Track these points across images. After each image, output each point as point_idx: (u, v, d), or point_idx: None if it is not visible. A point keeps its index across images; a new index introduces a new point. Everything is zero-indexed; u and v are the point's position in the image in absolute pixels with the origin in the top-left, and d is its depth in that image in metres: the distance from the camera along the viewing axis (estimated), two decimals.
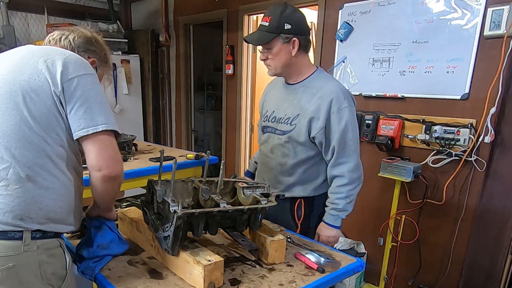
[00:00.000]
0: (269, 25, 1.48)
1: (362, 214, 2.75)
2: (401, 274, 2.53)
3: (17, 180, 0.95)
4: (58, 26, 3.95)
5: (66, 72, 1.00)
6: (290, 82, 1.62)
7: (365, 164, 2.61)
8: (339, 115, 1.49)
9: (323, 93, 1.51)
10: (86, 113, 1.00)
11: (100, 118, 1.01)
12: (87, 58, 1.20)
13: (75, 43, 1.20)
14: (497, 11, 1.95)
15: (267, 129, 1.70)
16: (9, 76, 0.99)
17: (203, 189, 1.25)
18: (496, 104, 2.00)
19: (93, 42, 1.25)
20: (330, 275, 1.20)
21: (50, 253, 1.01)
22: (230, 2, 3.52)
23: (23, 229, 0.96)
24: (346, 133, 1.50)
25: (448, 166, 2.24)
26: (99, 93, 1.05)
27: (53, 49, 1.09)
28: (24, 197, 0.95)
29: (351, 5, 2.58)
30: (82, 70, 1.03)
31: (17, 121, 0.95)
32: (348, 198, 1.56)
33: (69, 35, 1.20)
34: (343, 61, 2.68)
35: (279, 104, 1.65)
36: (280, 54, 1.51)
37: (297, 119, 1.55)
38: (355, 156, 1.55)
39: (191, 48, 4.25)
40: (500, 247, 2.13)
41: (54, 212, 1.01)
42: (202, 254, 1.09)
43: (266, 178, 1.71)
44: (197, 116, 5.05)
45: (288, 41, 1.49)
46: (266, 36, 1.49)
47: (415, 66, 2.32)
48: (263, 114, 1.75)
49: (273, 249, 1.22)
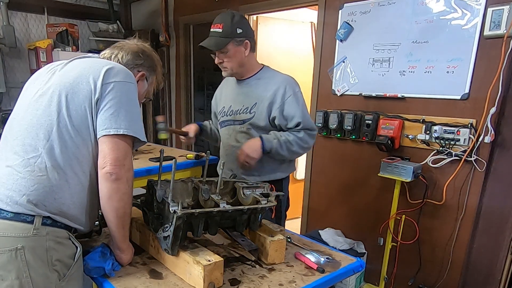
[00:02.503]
0: (223, 31, 1.67)
1: (362, 214, 2.75)
2: (401, 274, 2.53)
3: (42, 169, 1.02)
4: (58, 26, 3.95)
5: (107, 77, 1.08)
6: (241, 78, 1.82)
7: (365, 164, 2.64)
8: (296, 97, 1.72)
9: (276, 81, 1.74)
10: (113, 115, 1.06)
11: (124, 123, 1.07)
12: (137, 72, 1.28)
13: (124, 61, 1.27)
14: (497, 11, 1.95)
15: (225, 123, 1.87)
16: (58, 80, 1.10)
17: (203, 189, 1.25)
18: (496, 104, 2.00)
19: (141, 56, 1.30)
20: (330, 275, 1.20)
21: (58, 241, 1.04)
22: (230, 2, 3.52)
23: (35, 214, 1.00)
24: (305, 113, 1.74)
25: (448, 166, 2.24)
26: (131, 101, 1.12)
27: (102, 61, 1.20)
28: (44, 185, 1.02)
29: (351, 5, 2.58)
30: (122, 77, 1.11)
31: (54, 117, 1.05)
32: (290, 143, 1.69)
33: (118, 54, 1.27)
34: (343, 61, 2.68)
35: (235, 98, 1.84)
36: (235, 56, 1.71)
37: (255, 107, 1.75)
38: (314, 129, 1.77)
39: (191, 48, 4.25)
40: (500, 247, 2.13)
41: (67, 206, 1.06)
42: (202, 254, 1.09)
43: (234, 167, 1.79)
44: (197, 116, 5.04)
45: (241, 43, 1.70)
46: (222, 41, 1.67)
47: (415, 66, 2.31)
48: (220, 111, 1.92)
49: (273, 249, 1.23)
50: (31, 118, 1.07)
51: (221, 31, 1.67)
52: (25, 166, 1.02)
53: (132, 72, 1.22)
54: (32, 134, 1.05)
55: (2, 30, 3.78)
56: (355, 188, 2.75)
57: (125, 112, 1.08)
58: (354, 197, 2.77)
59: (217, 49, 1.69)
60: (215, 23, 1.71)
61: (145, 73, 1.31)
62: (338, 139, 2.75)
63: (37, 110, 1.07)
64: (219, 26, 1.68)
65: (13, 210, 0.99)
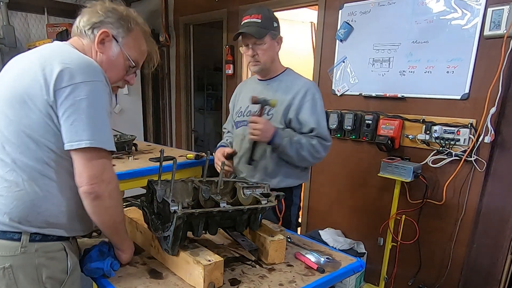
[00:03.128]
0: (262, 22, 1.58)
1: (362, 214, 2.75)
2: (401, 274, 2.53)
3: (18, 183, 0.95)
4: (58, 26, 3.95)
5: (61, 80, 0.93)
6: (264, 78, 1.76)
7: (365, 164, 2.64)
8: (314, 102, 1.66)
9: (297, 85, 1.68)
10: (72, 125, 0.93)
11: (85, 133, 0.93)
12: (97, 34, 1.06)
13: (81, 26, 1.08)
14: (497, 11, 1.95)
15: (241, 123, 1.79)
16: (11, 83, 0.98)
17: (203, 189, 1.25)
18: (496, 104, 2.00)
19: (99, 12, 1.07)
20: (330, 275, 1.20)
21: (50, 256, 0.99)
22: (230, 2, 3.52)
23: (21, 231, 0.95)
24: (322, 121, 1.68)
25: (448, 166, 2.24)
26: (93, 104, 0.94)
27: (57, 53, 1.00)
28: (23, 200, 0.95)
29: (351, 5, 2.58)
30: (79, 77, 0.94)
31: (16, 127, 0.95)
32: (301, 146, 1.62)
33: (77, 20, 1.09)
34: (343, 61, 2.68)
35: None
36: (270, 50, 1.65)
37: (273, 109, 1.66)
38: (328, 141, 1.70)
39: (191, 48, 4.25)
40: (500, 247, 2.13)
41: (55, 217, 0.99)
42: (202, 254, 1.09)
43: (245, 170, 1.75)
44: (197, 116, 5.05)
45: (275, 38, 1.64)
46: (262, 31, 1.59)
47: (415, 66, 2.31)
48: (237, 111, 1.85)
49: (273, 249, 1.22)
50: None
51: (260, 22, 1.59)
52: (1, 182, 0.95)
53: (94, 35, 1.06)
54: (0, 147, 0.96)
55: (2, 30, 3.78)
56: (355, 188, 2.75)
57: (87, 120, 0.93)
58: (354, 197, 2.77)
59: (259, 37, 1.60)
60: (251, 13, 1.63)
61: (108, 31, 1.06)
62: (338, 139, 2.75)
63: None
64: (257, 16, 1.59)
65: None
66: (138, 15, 1.15)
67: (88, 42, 1.08)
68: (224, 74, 3.76)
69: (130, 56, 1.12)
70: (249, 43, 1.63)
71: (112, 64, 1.09)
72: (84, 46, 1.08)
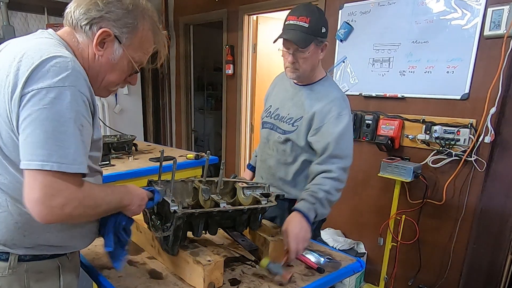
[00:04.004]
0: (309, 27, 1.39)
1: (362, 214, 2.75)
2: (401, 274, 2.53)
3: (1, 204, 0.84)
4: (58, 26, 3.93)
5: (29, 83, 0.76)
6: (299, 83, 1.59)
7: (365, 164, 2.63)
8: (338, 120, 1.47)
9: (326, 99, 1.50)
10: (26, 141, 0.75)
11: (39, 152, 0.74)
12: (97, 33, 0.88)
13: (76, 17, 0.89)
14: (497, 11, 1.95)
15: (266, 124, 1.68)
16: None
17: (203, 189, 1.25)
18: (496, 104, 2.00)
19: (98, 4, 0.87)
20: (330, 275, 1.20)
21: (40, 277, 0.90)
22: (230, 2, 3.52)
23: (9, 252, 0.86)
24: (343, 137, 1.48)
25: (448, 166, 2.24)
26: (55, 115, 0.75)
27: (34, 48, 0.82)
28: (6, 223, 0.85)
29: (351, 5, 2.58)
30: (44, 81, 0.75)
31: None
32: (330, 194, 1.39)
33: (72, 6, 0.91)
34: (343, 61, 2.68)
35: (284, 102, 1.63)
36: (313, 58, 1.47)
37: (299, 121, 1.54)
38: (348, 160, 1.51)
39: (191, 48, 4.25)
40: (500, 247, 2.13)
41: (43, 239, 0.88)
42: (202, 254, 1.09)
43: (265, 176, 1.71)
44: (197, 116, 5.05)
45: (321, 45, 1.47)
46: (308, 38, 1.41)
47: (415, 66, 2.32)
48: (266, 109, 1.71)
49: (273, 249, 1.22)
50: None
51: (308, 26, 1.39)
52: None
53: (90, 32, 0.88)
54: None
55: (2, 30, 3.78)
56: (355, 188, 2.75)
57: (43, 135, 0.74)
58: (354, 197, 2.77)
59: (303, 46, 1.41)
60: (300, 15, 1.41)
61: (109, 31, 0.88)
62: None
63: None
64: (306, 19, 1.39)
65: None
66: (148, 4, 0.95)
67: (85, 39, 0.90)
68: (224, 74, 3.76)
69: (135, 58, 0.94)
70: (290, 48, 1.46)
71: (112, 68, 0.92)
72: (78, 44, 0.91)
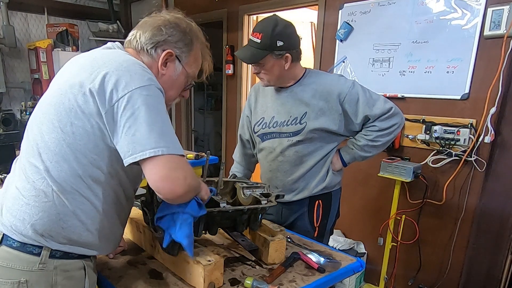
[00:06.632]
0: (261, 43, 1.46)
1: (362, 214, 2.75)
2: (401, 274, 2.53)
3: (47, 193, 0.90)
4: (58, 26, 3.95)
5: (116, 90, 0.87)
6: (284, 86, 1.62)
7: (365, 164, 2.63)
8: (351, 97, 1.53)
9: (324, 86, 1.56)
10: (134, 136, 0.86)
11: (148, 142, 0.86)
12: (160, 52, 1.02)
13: (142, 41, 1.02)
14: (497, 11, 1.95)
15: (269, 135, 1.66)
16: (63, 87, 0.93)
17: None
18: (496, 104, 2.00)
19: (162, 29, 1.02)
20: (330, 275, 1.20)
21: (68, 275, 0.95)
22: (230, 2, 3.52)
23: (42, 245, 0.91)
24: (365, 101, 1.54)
25: (448, 166, 2.24)
26: (152, 110, 0.88)
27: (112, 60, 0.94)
28: (49, 213, 0.90)
29: (351, 5, 2.58)
30: (136, 83, 0.88)
31: (58, 135, 0.90)
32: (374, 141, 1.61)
33: (137, 35, 1.04)
34: (343, 61, 2.68)
35: (278, 108, 1.63)
36: (274, 69, 1.52)
37: (305, 117, 1.56)
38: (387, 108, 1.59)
39: None
40: (500, 247, 2.13)
41: (78, 234, 0.94)
42: (202, 254, 1.09)
43: (280, 183, 1.66)
44: (197, 116, 5.04)
45: (281, 57, 1.50)
46: (259, 53, 1.47)
47: (415, 66, 2.31)
48: (258, 122, 1.70)
49: (273, 249, 1.23)
50: (36, 134, 0.93)
51: (259, 42, 1.46)
52: (30, 190, 0.90)
53: (155, 54, 1.02)
54: (35, 153, 0.92)
55: (2, 30, 3.78)
56: (355, 188, 2.75)
57: (148, 128, 0.86)
58: (354, 197, 2.77)
59: (251, 62, 1.53)
60: (255, 30, 1.50)
61: (172, 51, 1.03)
62: None
63: (42, 124, 0.92)
64: (258, 35, 1.47)
65: (19, 240, 0.90)
66: (197, 27, 1.12)
67: (149, 60, 1.02)
68: (224, 74, 3.76)
69: (190, 74, 1.09)
70: None
71: (173, 83, 1.06)
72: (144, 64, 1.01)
